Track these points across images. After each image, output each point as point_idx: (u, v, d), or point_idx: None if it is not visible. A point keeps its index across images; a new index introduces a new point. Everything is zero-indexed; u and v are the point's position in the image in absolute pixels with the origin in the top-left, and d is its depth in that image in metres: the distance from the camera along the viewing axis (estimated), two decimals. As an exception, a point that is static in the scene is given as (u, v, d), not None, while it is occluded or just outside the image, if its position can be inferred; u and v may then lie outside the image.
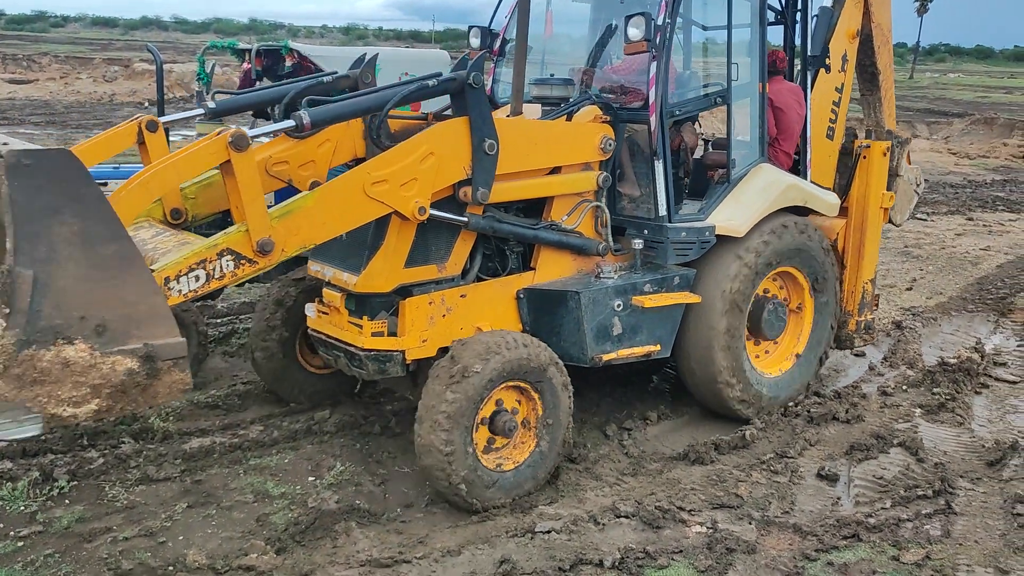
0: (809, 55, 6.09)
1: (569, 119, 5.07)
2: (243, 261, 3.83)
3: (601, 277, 5.14)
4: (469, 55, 5.32)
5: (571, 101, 5.17)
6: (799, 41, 6.11)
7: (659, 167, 5.18)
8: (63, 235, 2.99)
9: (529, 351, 4.49)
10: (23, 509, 4.37)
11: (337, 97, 4.55)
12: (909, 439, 5.40)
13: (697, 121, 5.97)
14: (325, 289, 4.76)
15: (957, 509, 4.64)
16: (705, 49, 6.09)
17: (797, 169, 6.10)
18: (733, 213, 5.47)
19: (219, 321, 7.42)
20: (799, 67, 6.17)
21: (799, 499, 4.75)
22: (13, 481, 4.58)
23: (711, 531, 4.36)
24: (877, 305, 6.81)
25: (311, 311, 4.97)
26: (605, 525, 4.38)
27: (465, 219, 4.63)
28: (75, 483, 4.63)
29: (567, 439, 4.74)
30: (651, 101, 5.07)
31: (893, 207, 6.61)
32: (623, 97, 5.38)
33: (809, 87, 6.12)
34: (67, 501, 4.48)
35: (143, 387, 3.19)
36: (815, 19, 6.23)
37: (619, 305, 5.08)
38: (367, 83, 4.96)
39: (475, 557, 4.08)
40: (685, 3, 5.59)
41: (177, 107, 24.55)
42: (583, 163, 5.06)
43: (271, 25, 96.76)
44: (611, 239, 5.24)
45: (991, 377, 6.64)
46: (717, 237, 5.39)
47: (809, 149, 6.11)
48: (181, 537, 4.21)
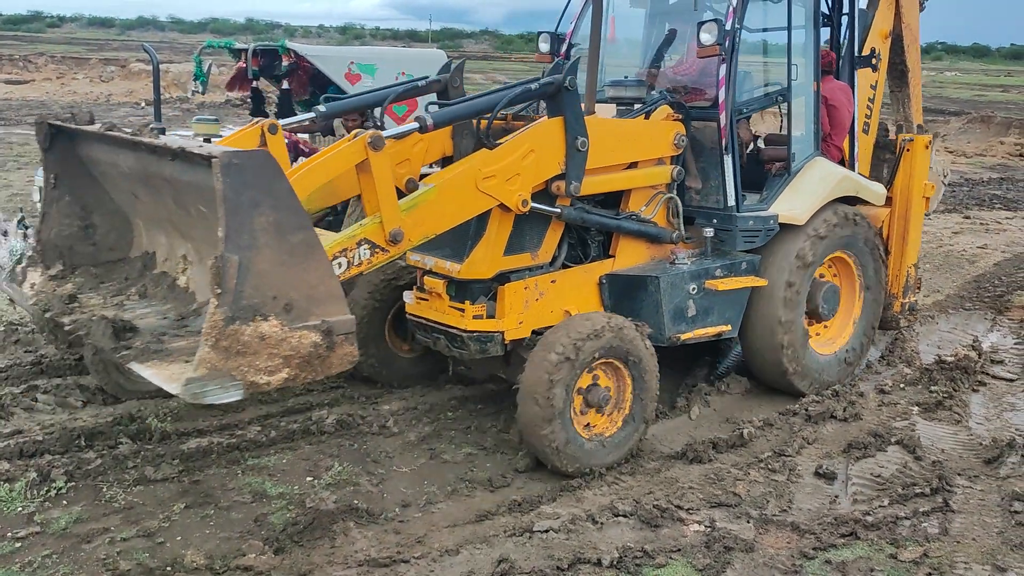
0: (857, 55, 6.56)
1: (647, 118, 5.48)
2: (377, 249, 4.27)
3: (676, 263, 5.57)
4: (536, 59, 6.22)
5: (648, 101, 5.54)
6: (843, 42, 6.54)
7: (728, 161, 5.64)
8: (261, 225, 3.38)
9: (621, 332, 4.89)
10: (20, 510, 4.37)
11: (454, 101, 5.12)
12: (907, 437, 5.41)
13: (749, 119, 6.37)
14: (426, 277, 5.13)
15: (955, 507, 4.64)
16: (766, 50, 6.42)
17: (843, 162, 6.52)
18: (793, 203, 5.92)
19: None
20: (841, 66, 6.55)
21: (797, 497, 4.76)
22: (10, 482, 4.58)
23: (709, 530, 4.36)
24: (920, 288, 7.31)
25: (409, 298, 5.32)
26: (603, 524, 4.38)
27: (558, 210, 5.05)
28: (73, 484, 4.63)
29: (652, 414, 5.15)
30: (721, 100, 5.51)
31: None
32: (685, 96, 5.85)
33: (856, 85, 6.58)
34: (65, 502, 4.47)
35: (322, 358, 3.54)
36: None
37: (693, 288, 5.51)
38: (455, 87, 5.41)
39: (473, 556, 4.08)
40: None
41: (173, 107, 24.55)
42: (658, 158, 5.49)
43: (268, 25, 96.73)
44: (683, 228, 5.66)
45: (988, 375, 6.65)
46: (780, 225, 5.84)
47: (857, 143, 6.57)
48: (179, 537, 4.20)
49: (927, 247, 11.11)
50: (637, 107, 5.48)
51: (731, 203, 5.69)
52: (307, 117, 4.84)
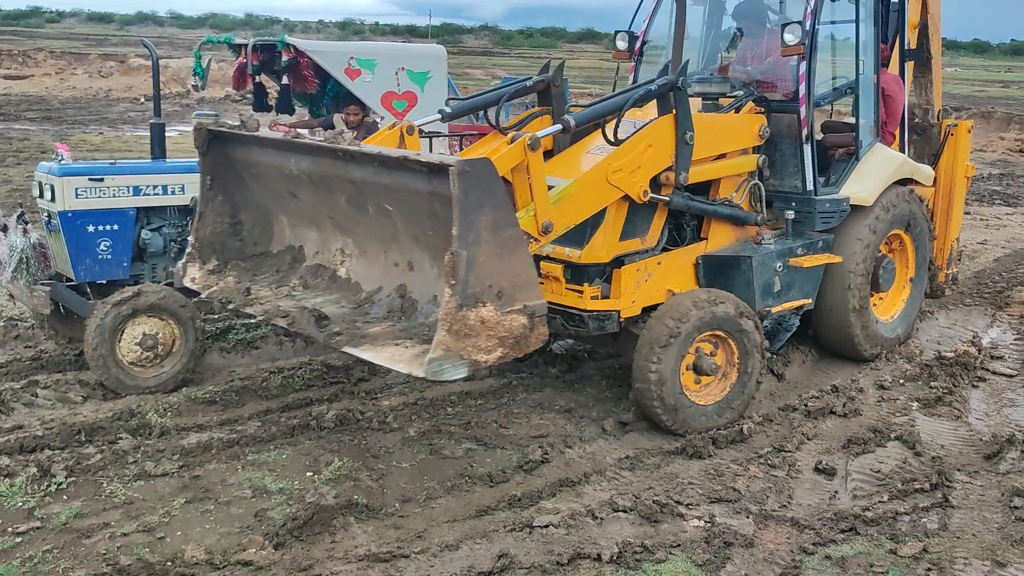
0: (907, 48, 7.23)
1: (737, 112, 6.02)
2: (531, 239, 4.64)
3: (763, 243, 6.05)
4: (614, 56, 6.86)
5: (739, 97, 6.11)
6: (889, 35, 7.11)
7: (807, 149, 6.18)
8: (484, 223, 3.85)
9: (726, 306, 5.39)
10: (21, 505, 4.37)
11: (594, 103, 5.57)
12: (906, 433, 5.41)
13: None
14: (543, 263, 5.41)
15: (954, 502, 4.64)
16: (833, 46, 6.80)
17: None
18: (861, 186, 6.51)
19: (216, 317, 7.41)
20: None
21: (797, 493, 4.76)
22: (11, 477, 4.58)
23: (709, 525, 4.36)
24: (961, 259, 8.13)
25: None
26: (603, 519, 4.38)
27: (667, 198, 5.47)
28: (73, 479, 4.63)
29: (757, 382, 5.63)
30: (801, 94, 6.05)
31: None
32: (757, 89, 6.35)
33: (906, 77, 7.22)
34: (65, 497, 4.47)
35: (526, 338, 4.05)
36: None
37: (779, 266, 6.04)
38: (557, 85, 5.93)
39: (473, 551, 4.08)
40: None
41: (173, 103, 24.53)
42: (745, 148, 5.99)
43: (267, 20, 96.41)
44: (765, 211, 6.11)
45: (988, 371, 6.64)
46: (851, 207, 6.41)
47: (907, 130, 7.21)
48: (179, 532, 4.21)
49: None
50: (729, 102, 6.04)
51: (809, 187, 6.23)
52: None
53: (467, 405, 5.78)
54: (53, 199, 5.95)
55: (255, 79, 7.03)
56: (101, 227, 6.01)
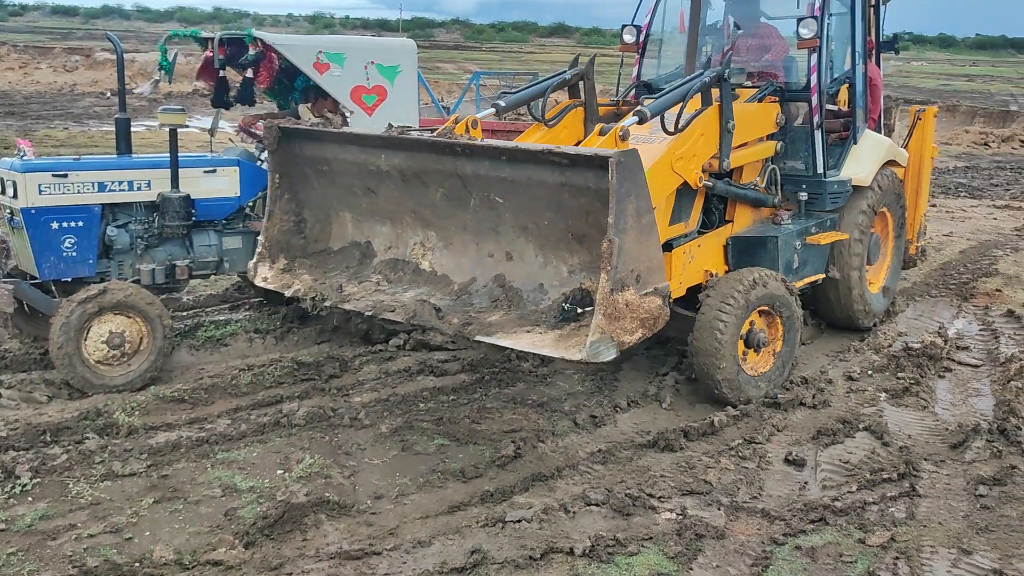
0: (883, 41, 7.80)
1: (760, 101, 6.39)
2: None
3: (782, 224, 6.46)
4: (620, 49, 7.29)
5: (762, 88, 6.48)
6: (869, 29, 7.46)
7: (818, 135, 6.58)
8: (630, 211, 4.07)
9: (775, 284, 5.79)
10: (-16, 507, 4.29)
11: (661, 94, 5.68)
12: (874, 423, 5.47)
13: None
14: None
15: (921, 491, 4.70)
16: (829, 40, 6.97)
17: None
18: (858, 168, 7.01)
19: (185, 314, 7.34)
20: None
21: (767, 484, 4.79)
22: (-26, 479, 4.50)
23: (680, 517, 4.38)
24: (926, 233, 8.72)
25: None
26: (575, 513, 4.39)
27: (711, 183, 5.80)
28: (38, 480, 4.56)
29: (796, 354, 6.10)
30: (812, 84, 6.45)
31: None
32: (756, 79, 6.81)
33: (881, 67, 7.83)
34: (30, 498, 4.40)
35: (658, 319, 4.28)
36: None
37: (799, 244, 6.46)
38: (589, 79, 6.26)
39: (446, 547, 4.07)
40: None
41: (139, 98, 24.17)
42: (764, 135, 6.39)
43: (236, 14, 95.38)
44: (780, 194, 6.53)
45: (954, 361, 6.74)
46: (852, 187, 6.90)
47: (883, 116, 7.88)
48: (148, 533, 4.15)
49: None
50: (754, 92, 6.40)
51: (820, 170, 6.65)
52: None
53: (439, 401, 5.76)
54: (16, 196, 5.85)
55: (219, 73, 6.93)
56: (65, 224, 5.91)
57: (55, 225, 5.88)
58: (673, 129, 5.42)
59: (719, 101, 5.73)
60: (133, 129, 6.66)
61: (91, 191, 6.01)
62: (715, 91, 5.81)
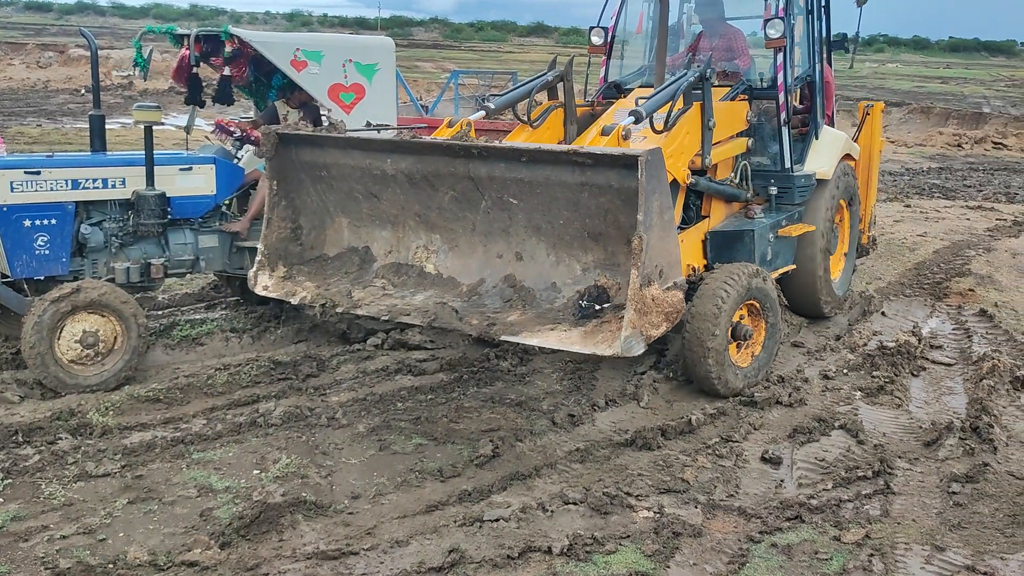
0: (833, 40, 8.02)
1: (733, 100, 6.55)
2: None
3: (756, 218, 6.61)
4: (589, 51, 7.41)
5: (734, 87, 6.63)
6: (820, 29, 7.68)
7: (785, 131, 6.78)
8: (655, 208, 4.17)
9: (759, 277, 5.92)
10: (-45, 509, 4.23)
11: (652, 94, 5.71)
12: (850, 421, 5.52)
13: None
14: None
15: (895, 489, 4.75)
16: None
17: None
18: (820, 162, 7.24)
19: (160, 313, 7.27)
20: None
21: (744, 482, 4.82)
22: (-56, 480, 4.43)
23: (658, 516, 4.40)
24: (875, 223, 9.05)
25: None
26: (553, 512, 4.39)
27: (694, 181, 5.93)
28: (9, 481, 4.50)
29: (777, 349, 6.23)
30: (779, 82, 6.65)
31: None
32: (724, 78, 6.92)
33: (832, 65, 8.05)
34: (1, 500, 4.34)
35: (679, 311, 4.39)
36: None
37: (772, 237, 6.63)
38: (569, 79, 6.36)
39: (423, 547, 4.06)
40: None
41: (114, 95, 23.96)
42: (737, 132, 6.56)
43: (213, 11, 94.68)
44: (751, 189, 6.72)
45: (928, 360, 6.81)
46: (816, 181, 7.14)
47: (835, 112, 8.12)
48: (121, 534, 4.11)
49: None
50: (728, 91, 6.53)
51: (787, 164, 6.86)
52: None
53: (417, 400, 5.75)
54: (-13, 193, 5.77)
55: (193, 70, 6.87)
56: (38, 221, 5.84)
57: (27, 223, 5.81)
58: (663, 128, 5.49)
59: (700, 100, 5.84)
60: (108, 126, 6.59)
61: (64, 189, 5.94)
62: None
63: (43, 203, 5.86)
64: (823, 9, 7.54)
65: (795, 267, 7.06)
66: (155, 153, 6.14)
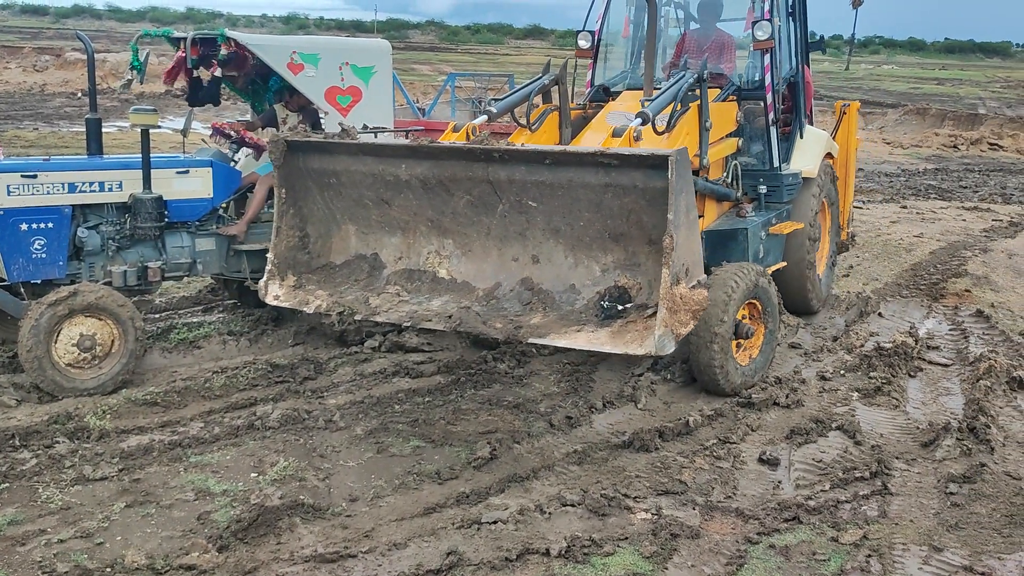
0: (811, 42, 8.12)
1: (724, 101, 6.63)
2: None
3: (747, 216, 6.72)
4: (576, 55, 7.40)
5: (725, 88, 6.71)
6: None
7: (773, 131, 6.90)
8: (683, 207, 4.23)
9: (765, 278, 6.04)
10: (-48, 513, 4.22)
11: (656, 96, 5.77)
12: (847, 422, 5.52)
13: None
14: None
15: (893, 490, 4.75)
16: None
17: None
18: (805, 161, 7.39)
19: (157, 316, 7.27)
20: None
21: (741, 484, 4.82)
22: (-59, 484, 4.43)
23: (656, 517, 4.40)
24: (853, 219, 9.35)
25: None
26: (551, 514, 4.39)
27: (695, 181, 5.79)
28: (6, 485, 4.49)
29: (775, 346, 6.30)
30: (767, 83, 6.78)
31: None
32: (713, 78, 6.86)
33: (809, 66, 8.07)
34: (-2, 504, 4.34)
35: (703, 308, 4.40)
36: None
37: (764, 235, 6.72)
38: (563, 83, 6.37)
39: (422, 550, 4.06)
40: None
41: (111, 98, 23.94)
42: (728, 133, 6.66)
43: (209, 14, 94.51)
44: (741, 188, 6.83)
45: (925, 361, 6.82)
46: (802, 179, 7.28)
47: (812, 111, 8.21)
48: (119, 538, 4.11)
49: (865, 236, 11.37)
50: (720, 93, 6.57)
51: (775, 164, 6.98)
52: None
53: (415, 403, 5.74)
54: (-16, 197, 5.77)
55: (192, 73, 6.87)
56: (35, 225, 5.84)
57: (24, 226, 5.81)
58: (664, 129, 5.54)
59: (697, 101, 5.91)
60: (104, 130, 6.58)
61: (61, 192, 5.93)
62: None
63: (40, 207, 5.85)
64: (801, 11, 7.65)
65: (786, 264, 7.17)
66: (152, 156, 6.14)
